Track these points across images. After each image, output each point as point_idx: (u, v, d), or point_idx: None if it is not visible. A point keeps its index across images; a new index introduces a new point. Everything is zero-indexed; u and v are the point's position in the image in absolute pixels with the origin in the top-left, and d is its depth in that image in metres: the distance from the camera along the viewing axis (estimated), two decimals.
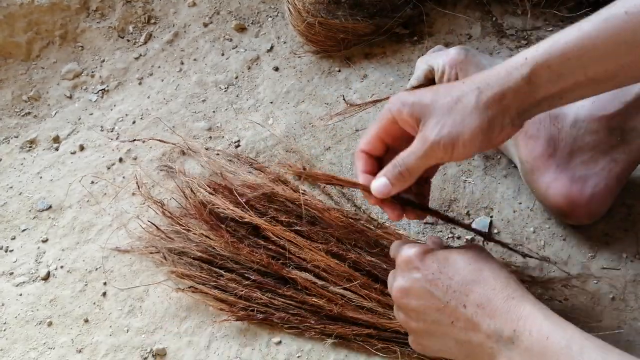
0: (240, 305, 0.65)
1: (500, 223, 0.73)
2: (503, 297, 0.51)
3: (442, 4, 0.91)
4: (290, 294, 0.65)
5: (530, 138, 0.66)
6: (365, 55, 0.89)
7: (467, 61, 0.68)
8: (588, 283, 0.68)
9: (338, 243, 0.66)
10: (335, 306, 0.63)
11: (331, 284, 0.64)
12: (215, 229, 0.68)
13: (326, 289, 0.64)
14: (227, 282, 0.67)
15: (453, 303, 0.52)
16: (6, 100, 0.91)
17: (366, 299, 0.63)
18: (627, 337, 0.64)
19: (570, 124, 0.65)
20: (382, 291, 0.63)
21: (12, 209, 0.80)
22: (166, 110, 0.87)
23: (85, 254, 0.75)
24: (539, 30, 0.89)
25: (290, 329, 0.65)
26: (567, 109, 0.65)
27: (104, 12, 0.96)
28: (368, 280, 0.64)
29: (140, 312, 0.70)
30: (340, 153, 0.80)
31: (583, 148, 0.65)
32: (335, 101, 0.85)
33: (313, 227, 0.67)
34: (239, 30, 0.95)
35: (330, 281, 0.64)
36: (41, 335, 0.69)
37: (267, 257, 0.66)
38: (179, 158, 0.81)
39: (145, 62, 0.93)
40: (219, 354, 0.66)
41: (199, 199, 0.71)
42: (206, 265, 0.69)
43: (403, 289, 0.55)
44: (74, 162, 0.84)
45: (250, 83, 0.89)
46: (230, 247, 0.67)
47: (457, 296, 0.52)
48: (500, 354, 0.49)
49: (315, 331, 0.64)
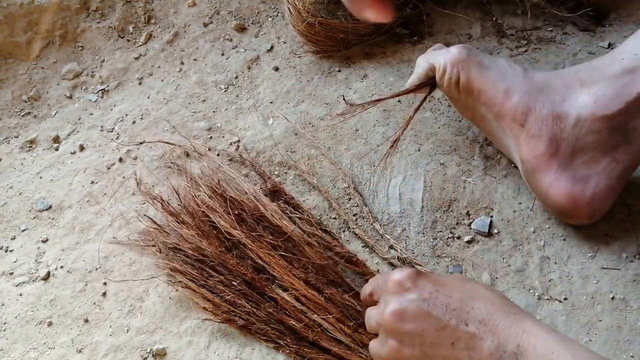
0: (224, 309, 0.66)
1: (500, 223, 0.73)
2: (504, 313, 0.50)
3: (442, 4, 0.91)
4: (271, 311, 0.65)
5: (532, 137, 0.66)
6: (365, 55, 0.89)
7: (468, 60, 0.68)
8: (588, 283, 0.68)
9: (317, 275, 0.66)
10: (312, 333, 0.63)
11: (309, 310, 0.64)
12: (207, 235, 0.69)
13: (304, 314, 0.64)
14: (216, 283, 0.67)
15: (453, 322, 0.50)
16: (6, 100, 0.91)
17: (340, 333, 0.62)
18: (627, 337, 0.64)
19: (573, 123, 0.65)
20: (356, 329, 0.63)
21: (12, 209, 0.80)
22: (166, 110, 0.87)
23: (85, 254, 0.75)
24: (539, 30, 0.89)
25: (267, 341, 0.65)
26: (569, 108, 0.65)
27: (104, 12, 0.96)
28: (342, 317, 0.64)
29: (140, 312, 0.70)
30: (340, 153, 0.80)
31: (585, 148, 0.65)
32: (335, 101, 0.85)
33: (295, 255, 0.68)
34: (239, 30, 0.95)
35: (309, 308, 0.65)
36: (41, 335, 0.69)
37: (252, 271, 0.67)
38: (179, 158, 0.81)
39: (145, 62, 0.93)
40: (219, 354, 0.66)
41: (195, 202, 0.72)
42: (198, 264, 0.69)
43: (398, 311, 0.52)
44: (74, 162, 0.84)
45: (250, 83, 0.89)
46: (219, 255, 0.68)
47: (457, 314, 0.51)
48: None
49: (290, 350, 0.64)
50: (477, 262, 0.70)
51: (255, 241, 0.68)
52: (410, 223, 0.74)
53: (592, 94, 0.64)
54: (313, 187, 0.78)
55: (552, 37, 0.88)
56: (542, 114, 0.66)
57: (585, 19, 0.89)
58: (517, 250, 0.71)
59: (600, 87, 0.64)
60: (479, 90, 0.68)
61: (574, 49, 0.87)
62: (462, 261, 0.71)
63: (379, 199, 0.76)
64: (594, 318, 0.65)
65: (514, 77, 0.67)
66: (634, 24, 0.89)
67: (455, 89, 0.69)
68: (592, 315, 0.66)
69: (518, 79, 0.67)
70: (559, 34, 0.89)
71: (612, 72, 0.64)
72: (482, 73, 0.68)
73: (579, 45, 0.87)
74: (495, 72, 0.68)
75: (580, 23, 0.89)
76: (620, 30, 0.88)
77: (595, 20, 0.89)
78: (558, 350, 0.46)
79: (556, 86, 0.67)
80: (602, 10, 0.90)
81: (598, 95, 0.64)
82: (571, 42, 0.88)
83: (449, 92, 0.71)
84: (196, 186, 0.75)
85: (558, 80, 0.67)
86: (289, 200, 0.75)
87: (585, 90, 0.65)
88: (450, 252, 0.71)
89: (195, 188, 0.74)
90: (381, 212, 0.75)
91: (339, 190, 0.77)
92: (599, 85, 0.64)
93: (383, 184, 0.77)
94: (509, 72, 0.68)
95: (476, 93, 0.68)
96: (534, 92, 0.66)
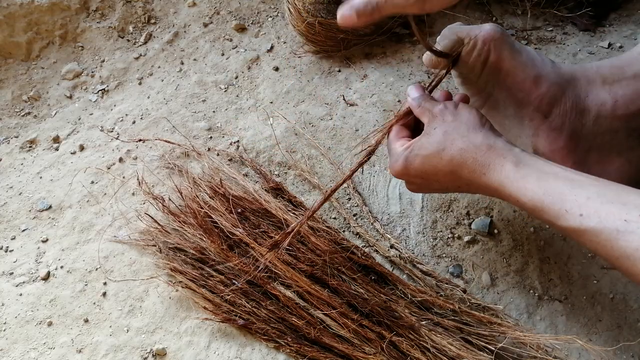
0: (224, 309, 0.66)
1: (500, 223, 0.73)
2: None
3: None
4: (272, 308, 0.65)
5: (554, 130, 0.65)
6: (365, 55, 0.89)
7: (502, 39, 0.64)
8: (588, 283, 0.68)
9: (323, 267, 0.66)
10: (314, 330, 0.63)
11: (312, 307, 0.65)
12: (209, 234, 0.69)
13: (307, 311, 0.64)
14: (216, 283, 0.67)
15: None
16: (6, 100, 0.91)
17: (344, 328, 0.63)
18: (627, 337, 0.64)
19: (593, 120, 0.64)
20: (360, 323, 0.63)
21: (12, 209, 0.80)
22: (166, 110, 0.87)
23: (85, 254, 0.75)
24: (539, 30, 0.89)
25: (267, 341, 0.65)
26: (591, 104, 0.64)
27: (104, 12, 0.96)
28: (347, 310, 0.64)
29: (140, 312, 0.70)
30: (340, 153, 0.80)
31: (601, 147, 0.64)
32: (335, 101, 0.85)
33: (301, 246, 0.68)
34: (239, 30, 0.95)
35: (312, 304, 0.65)
36: (41, 335, 0.69)
37: (254, 269, 0.67)
38: (179, 158, 0.81)
39: (145, 62, 0.93)
40: (219, 354, 0.66)
41: (197, 202, 0.72)
42: (198, 264, 0.69)
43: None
44: (74, 162, 0.84)
45: (250, 83, 0.89)
46: (221, 254, 0.68)
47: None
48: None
49: (291, 349, 0.64)
50: (477, 262, 0.70)
51: (257, 239, 0.68)
52: (410, 223, 0.74)
53: (613, 92, 0.63)
54: (313, 187, 0.78)
55: (552, 37, 0.88)
56: (566, 107, 0.64)
57: (585, 19, 0.89)
58: (517, 250, 0.71)
59: (621, 86, 0.63)
60: (507, 72, 0.65)
61: (574, 49, 0.87)
62: (462, 261, 0.71)
63: (379, 199, 0.76)
64: (594, 318, 0.65)
65: (544, 66, 0.65)
66: (634, 24, 0.89)
67: (481, 67, 0.65)
68: (592, 315, 0.66)
69: (547, 68, 0.65)
70: (559, 34, 0.89)
71: (632, 72, 0.63)
72: (514, 55, 0.64)
73: (579, 45, 0.87)
74: (526, 57, 0.65)
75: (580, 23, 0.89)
76: (620, 30, 0.88)
77: (595, 20, 0.90)
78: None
79: (580, 80, 0.65)
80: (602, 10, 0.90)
81: (619, 94, 0.63)
82: (571, 42, 0.88)
83: (472, 70, 0.66)
84: (196, 186, 0.75)
85: (582, 74, 0.66)
86: (291, 198, 0.75)
87: (607, 88, 0.64)
88: (450, 252, 0.71)
89: (196, 188, 0.74)
90: (381, 212, 0.75)
91: (339, 190, 0.77)
92: (620, 84, 0.63)
93: (383, 184, 0.77)
94: (538, 59, 0.65)
95: (504, 75, 0.65)
96: (562, 84, 0.64)
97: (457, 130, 0.56)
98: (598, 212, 0.46)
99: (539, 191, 0.50)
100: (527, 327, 0.65)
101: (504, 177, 0.52)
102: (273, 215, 0.71)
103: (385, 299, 0.65)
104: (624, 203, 0.46)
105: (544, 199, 0.50)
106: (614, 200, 0.46)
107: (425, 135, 0.58)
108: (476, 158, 0.54)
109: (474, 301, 0.66)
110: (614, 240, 0.45)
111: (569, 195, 0.48)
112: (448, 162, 0.56)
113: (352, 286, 0.65)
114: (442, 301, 0.65)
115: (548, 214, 0.50)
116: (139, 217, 0.75)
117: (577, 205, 0.47)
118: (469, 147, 0.54)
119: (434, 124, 0.58)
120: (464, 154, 0.55)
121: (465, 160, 0.55)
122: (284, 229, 0.70)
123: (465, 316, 0.64)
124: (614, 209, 0.45)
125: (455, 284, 0.68)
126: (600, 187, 0.48)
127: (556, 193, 0.49)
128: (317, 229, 0.71)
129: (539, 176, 0.51)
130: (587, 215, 0.47)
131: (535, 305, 0.67)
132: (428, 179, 0.59)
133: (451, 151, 0.55)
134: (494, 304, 0.67)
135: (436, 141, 0.56)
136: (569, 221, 0.48)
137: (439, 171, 0.57)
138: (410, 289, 0.66)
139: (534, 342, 0.60)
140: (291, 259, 0.67)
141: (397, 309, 0.64)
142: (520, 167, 0.52)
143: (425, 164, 0.57)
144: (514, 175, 0.52)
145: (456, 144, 0.55)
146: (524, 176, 0.51)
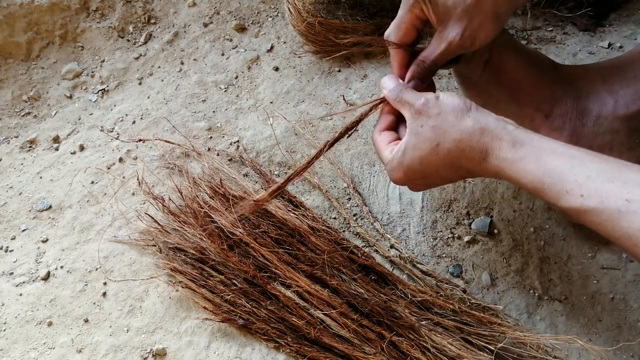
0: (224, 309, 0.66)
1: (500, 223, 0.73)
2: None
3: None
4: (272, 308, 0.65)
5: (554, 130, 0.65)
6: (365, 55, 0.89)
7: (503, 40, 0.65)
8: (588, 283, 0.68)
9: (323, 267, 0.66)
10: (314, 330, 0.63)
11: (312, 307, 0.65)
12: (210, 233, 0.69)
13: (307, 310, 0.65)
14: (216, 283, 0.67)
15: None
16: (6, 100, 0.91)
17: (344, 328, 0.63)
18: (627, 337, 0.64)
19: (594, 120, 0.64)
20: (360, 323, 0.63)
21: (12, 209, 0.80)
22: (166, 110, 0.87)
23: (85, 254, 0.75)
24: (539, 30, 0.89)
25: (267, 340, 0.65)
26: (592, 104, 0.64)
27: (104, 12, 0.96)
28: (347, 310, 0.64)
29: (140, 312, 0.70)
30: (340, 153, 0.80)
31: (602, 147, 0.64)
32: (335, 101, 0.85)
33: (302, 246, 0.68)
34: (239, 30, 0.95)
35: (311, 304, 0.65)
36: (41, 335, 0.69)
37: (254, 269, 0.67)
38: (179, 158, 0.81)
39: (145, 62, 0.93)
40: (219, 354, 0.66)
41: (197, 202, 0.72)
42: (198, 264, 0.69)
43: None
44: (74, 162, 0.84)
45: (250, 83, 0.89)
46: (221, 254, 0.68)
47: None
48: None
49: (291, 349, 0.64)
50: (477, 262, 0.70)
51: (257, 239, 0.68)
52: (410, 223, 0.74)
53: (613, 92, 0.63)
54: (313, 187, 0.78)
55: (552, 37, 0.88)
56: (567, 107, 0.64)
57: (585, 19, 0.89)
58: (517, 250, 0.71)
59: (621, 86, 0.63)
60: (508, 72, 0.65)
61: (574, 49, 0.87)
62: (462, 261, 0.71)
63: (379, 199, 0.76)
64: (594, 318, 0.65)
65: (544, 66, 0.66)
66: (634, 24, 0.89)
67: (482, 67, 0.66)
68: (592, 315, 0.66)
69: (549, 68, 0.66)
70: (559, 34, 0.89)
71: (632, 72, 0.63)
72: (515, 55, 0.65)
73: (579, 45, 0.87)
74: (527, 56, 0.65)
75: (580, 23, 0.89)
76: (620, 30, 0.88)
77: (595, 20, 0.89)
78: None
79: (581, 80, 0.65)
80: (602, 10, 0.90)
81: (619, 94, 0.63)
82: (571, 42, 0.88)
83: (474, 70, 0.67)
84: (196, 186, 0.75)
85: (582, 74, 0.66)
86: (291, 198, 0.75)
87: (608, 88, 0.64)
88: (450, 252, 0.71)
89: (196, 188, 0.74)
90: (381, 212, 0.75)
91: (338, 190, 0.77)
92: (621, 84, 0.63)
93: (383, 184, 0.77)
94: (539, 59, 0.66)
95: (504, 75, 0.65)
96: (563, 84, 0.65)
97: (445, 122, 0.55)
98: (599, 191, 0.45)
99: (539, 172, 0.49)
100: (527, 327, 0.65)
101: (502, 160, 0.52)
102: (273, 215, 0.71)
103: (385, 299, 0.65)
104: (625, 181, 0.45)
105: (544, 181, 0.49)
106: (614, 179, 0.45)
107: (414, 135, 0.56)
108: (472, 145, 0.53)
109: (474, 301, 0.66)
110: (616, 220, 0.44)
111: (569, 175, 0.47)
112: (445, 156, 0.55)
113: (352, 286, 0.65)
114: (442, 301, 0.65)
115: (549, 195, 0.49)
116: (139, 217, 0.75)
117: (578, 186, 0.47)
118: (462, 137, 0.53)
119: (419, 121, 0.57)
120: (460, 145, 0.54)
121: (463, 150, 0.54)
122: (284, 229, 0.70)
123: (465, 316, 0.64)
124: (615, 188, 0.45)
125: (455, 284, 0.68)
126: (600, 163, 0.47)
127: (556, 173, 0.48)
128: (317, 229, 0.71)
129: (538, 156, 0.50)
130: (587, 195, 0.46)
131: (535, 305, 0.67)
132: (430, 177, 0.58)
133: (446, 144, 0.54)
134: (494, 304, 0.67)
135: (428, 139, 0.55)
136: (570, 202, 0.47)
137: (439, 167, 0.56)
138: (410, 289, 0.66)
139: (534, 342, 0.60)
140: (291, 259, 0.67)
141: (397, 309, 0.64)
142: (518, 147, 0.51)
143: (423, 165, 0.56)
144: (512, 156, 0.51)
145: (449, 136, 0.54)
146: (522, 157, 0.50)
